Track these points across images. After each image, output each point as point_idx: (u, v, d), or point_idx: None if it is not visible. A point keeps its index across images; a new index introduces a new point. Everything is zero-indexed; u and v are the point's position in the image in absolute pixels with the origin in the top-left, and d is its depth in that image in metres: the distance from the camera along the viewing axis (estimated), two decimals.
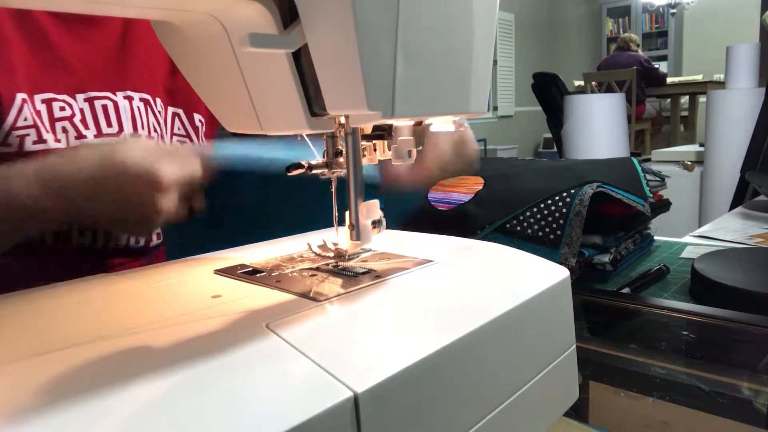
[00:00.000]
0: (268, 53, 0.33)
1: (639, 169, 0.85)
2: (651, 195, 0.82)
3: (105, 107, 0.65)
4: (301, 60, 0.33)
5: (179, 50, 0.38)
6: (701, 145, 2.76)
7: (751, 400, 0.49)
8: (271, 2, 0.31)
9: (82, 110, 0.64)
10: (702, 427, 0.48)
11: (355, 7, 0.28)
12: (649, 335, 0.61)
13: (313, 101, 0.34)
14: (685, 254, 0.88)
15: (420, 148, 0.39)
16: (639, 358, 0.57)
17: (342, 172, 0.39)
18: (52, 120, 0.61)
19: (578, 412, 0.47)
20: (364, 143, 0.40)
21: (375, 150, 0.40)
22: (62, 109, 0.62)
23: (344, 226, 0.39)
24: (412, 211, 0.76)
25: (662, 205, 0.91)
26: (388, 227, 0.40)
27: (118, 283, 0.40)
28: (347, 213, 0.38)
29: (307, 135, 0.40)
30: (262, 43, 0.30)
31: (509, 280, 0.40)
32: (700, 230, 1.09)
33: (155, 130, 0.70)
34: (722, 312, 0.57)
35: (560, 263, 0.42)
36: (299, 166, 0.39)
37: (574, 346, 0.40)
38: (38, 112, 0.60)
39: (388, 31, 0.30)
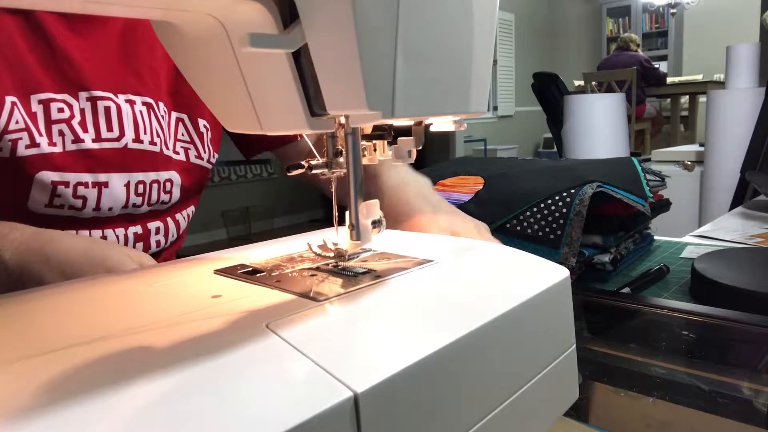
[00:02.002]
0: (268, 53, 0.33)
1: (639, 169, 0.85)
2: (651, 195, 0.82)
3: (107, 109, 0.63)
4: (301, 60, 0.33)
5: (179, 50, 0.38)
6: (701, 145, 2.76)
7: (751, 400, 0.49)
8: (271, 2, 0.31)
9: (82, 111, 0.62)
10: (702, 427, 0.48)
11: (355, 7, 0.28)
12: (649, 335, 0.61)
13: (313, 101, 0.34)
14: (685, 254, 0.88)
15: (420, 147, 0.39)
16: (639, 358, 0.57)
17: (342, 172, 0.39)
18: (49, 122, 0.59)
19: (578, 412, 0.47)
20: (364, 143, 0.40)
21: (375, 150, 0.40)
22: (60, 110, 0.60)
23: (344, 226, 0.39)
24: None
25: (662, 205, 0.91)
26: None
27: (118, 283, 0.40)
28: (347, 213, 0.38)
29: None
30: (262, 43, 0.30)
31: (509, 280, 0.40)
32: (700, 230, 1.09)
33: (158, 136, 0.68)
34: (722, 312, 0.57)
35: (560, 263, 0.42)
36: (299, 166, 0.39)
37: (574, 346, 0.40)
38: (33, 114, 0.59)
39: (388, 31, 0.30)
